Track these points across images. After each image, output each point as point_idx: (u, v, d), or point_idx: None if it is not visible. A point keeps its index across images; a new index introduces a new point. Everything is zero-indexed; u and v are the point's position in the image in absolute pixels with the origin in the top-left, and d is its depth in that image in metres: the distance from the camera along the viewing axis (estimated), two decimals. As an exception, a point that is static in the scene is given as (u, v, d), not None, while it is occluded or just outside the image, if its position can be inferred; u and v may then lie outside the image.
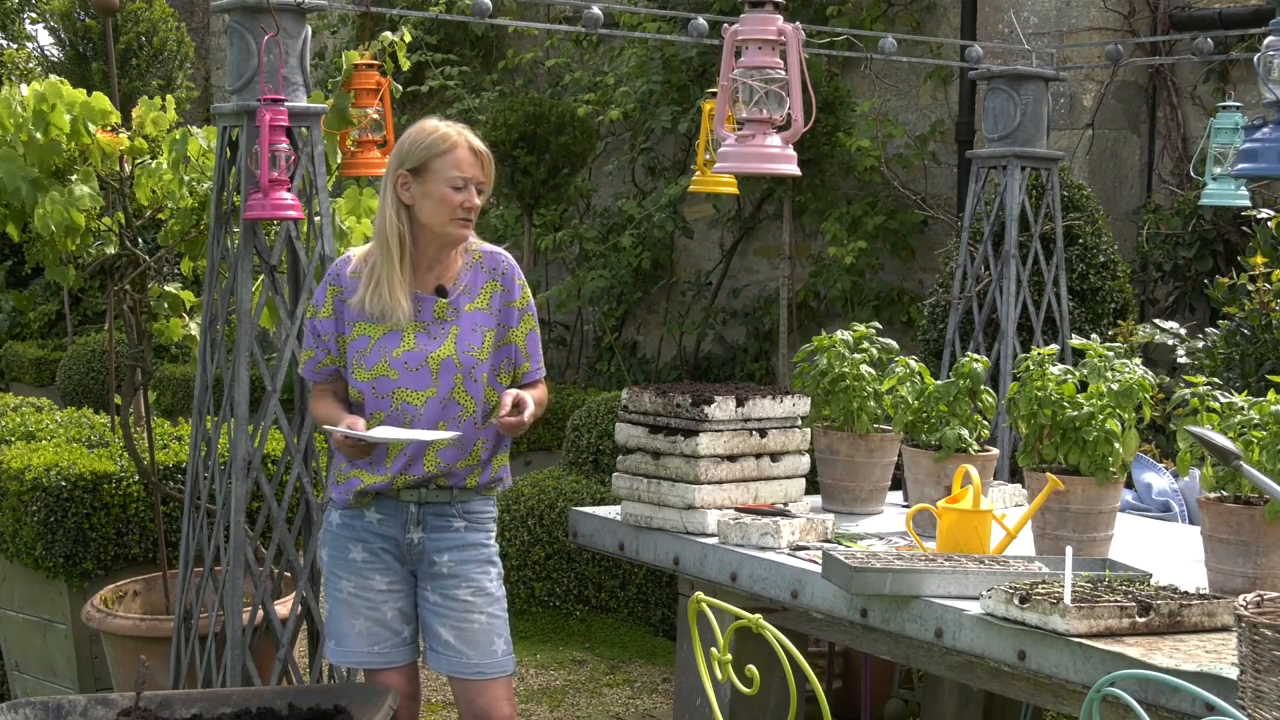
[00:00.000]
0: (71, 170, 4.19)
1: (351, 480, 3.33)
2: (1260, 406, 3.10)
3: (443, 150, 3.26)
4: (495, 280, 3.37)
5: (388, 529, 3.35)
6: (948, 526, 3.34)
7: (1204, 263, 6.23)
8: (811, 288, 7.95)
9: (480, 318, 3.34)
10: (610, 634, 6.07)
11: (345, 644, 3.36)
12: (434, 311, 3.32)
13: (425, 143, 3.27)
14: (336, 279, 3.35)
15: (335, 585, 3.37)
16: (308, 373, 3.42)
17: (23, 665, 5.08)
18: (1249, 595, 2.39)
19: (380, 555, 3.36)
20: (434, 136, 3.27)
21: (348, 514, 3.36)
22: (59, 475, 4.72)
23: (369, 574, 3.35)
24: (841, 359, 3.91)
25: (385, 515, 3.35)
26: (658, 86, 8.26)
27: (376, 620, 3.36)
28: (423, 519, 3.35)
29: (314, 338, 3.36)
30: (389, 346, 3.29)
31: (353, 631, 3.35)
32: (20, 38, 14.46)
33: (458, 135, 3.29)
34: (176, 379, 9.11)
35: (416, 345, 3.29)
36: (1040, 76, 5.20)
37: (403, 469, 3.29)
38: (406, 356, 3.28)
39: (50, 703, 3.08)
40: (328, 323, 3.34)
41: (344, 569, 3.36)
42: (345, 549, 3.36)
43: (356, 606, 3.35)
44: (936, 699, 4.12)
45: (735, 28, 3.57)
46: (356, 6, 4.30)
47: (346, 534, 3.36)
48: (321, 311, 3.34)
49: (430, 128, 3.30)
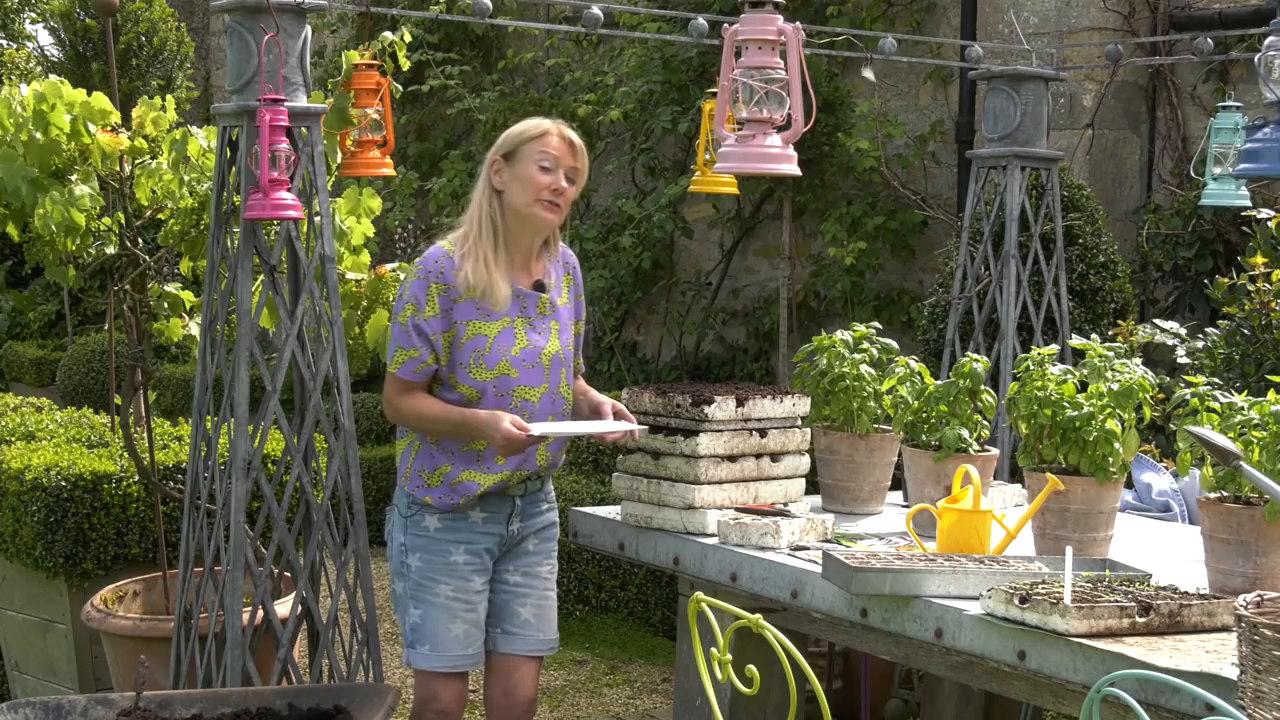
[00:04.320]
0: (71, 170, 4.19)
1: (467, 484, 3.34)
2: (1260, 406, 3.10)
3: (534, 135, 3.35)
4: (569, 275, 3.51)
5: (492, 525, 3.41)
6: (948, 526, 3.35)
7: (1204, 263, 6.23)
8: (811, 288, 7.95)
9: (568, 313, 3.47)
10: (610, 634, 6.07)
11: (442, 648, 3.38)
12: (538, 307, 3.39)
13: (519, 130, 3.38)
14: (441, 277, 3.32)
15: (431, 590, 3.37)
16: (407, 373, 3.34)
17: (23, 665, 5.08)
18: (1249, 595, 2.39)
19: (481, 555, 3.41)
20: (528, 124, 3.38)
21: (450, 517, 3.38)
22: (59, 475, 4.72)
23: (470, 575, 3.39)
24: (841, 359, 3.91)
25: (490, 513, 3.40)
26: (658, 86, 8.25)
27: (473, 622, 3.41)
28: (523, 509, 3.45)
29: (418, 337, 3.31)
30: (507, 345, 3.33)
31: (450, 635, 3.38)
32: (20, 38, 14.46)
33: (551, 124, 3.38)
34: (176, 379, 9.10)
35: (530, 342, 3.36)
36: (1040, 76, 5.20)
37: (518, 465, 3.36)
38: (524, 354, 3.35)
39: (50, 703, 3.08)
40: (435, 322, 3.31)
41: (444, 573, 3.38)
42: (447, 553, 3.38)
43: (455, 610, 3.38)
44: (936, 699, 4.12)
45: (735, 28, 3.57)
46: (356, 6, 4.30)
47: (449, 537, 3.38)
48: (426, 310, 3.31)
49: (530, 121, 3.40)
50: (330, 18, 10.33)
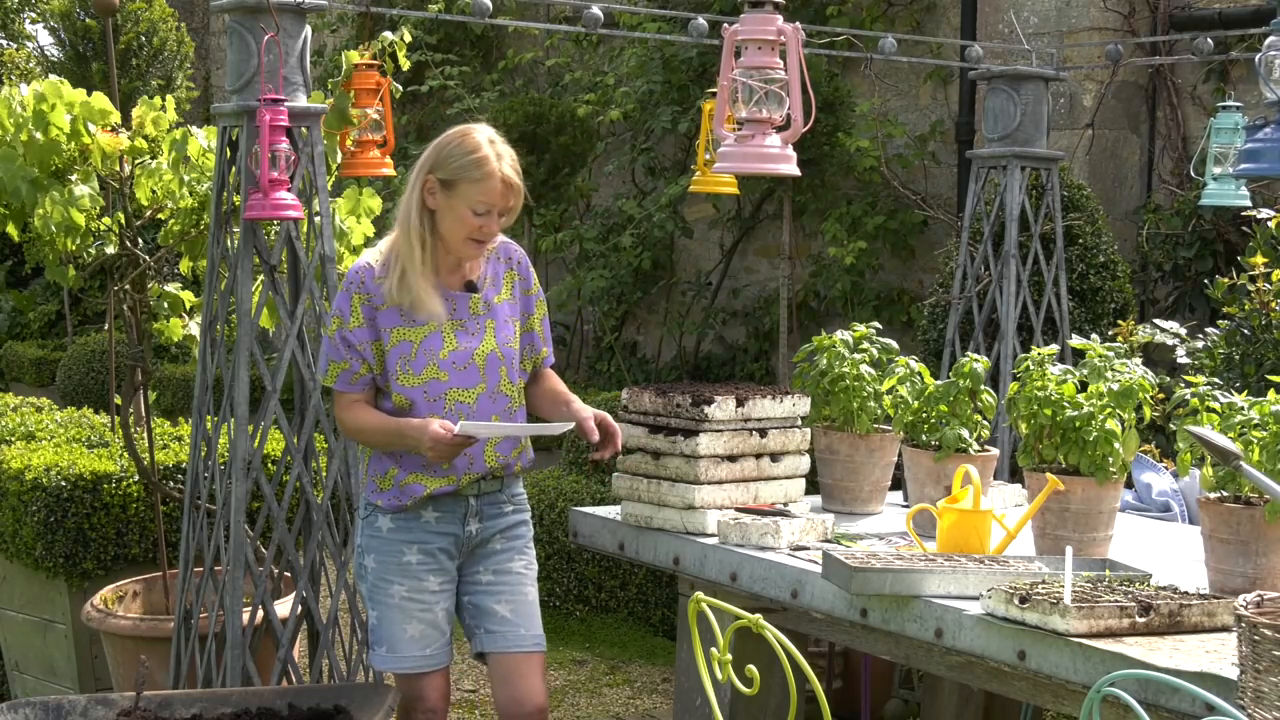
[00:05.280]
0: (71, 170, 4.19)
1: (413, 486, 3.31)
2: (1260, 406, 3.10)
3: (477, 178, 3.23)
4: (513, 270, 3.44)
5: (446, 526, 3.37)
6: (948, 526, 3.34)
7: (1204, 263, 6.23)
8: (811, 288, 7.95)
9: (508, 309, 3.40)
10: (610, 634, 6.07)
11: (398, 649, 3.35)
12: (469, 308, 3.34)
13: (463, 161, 3.24)
14: (362, 287, 3.29)
15: (385, 591, 3.35)
16: (342, 385, 3.32)
17: (23, 665, 5.08)
18: (1249, 595, 2.39)
19: (436, 555, 3.37)
20: (473, 158, 3.24)
21: (401, 518, 3.35)
22: (59, 475, 4.72)
23: (423, 576, 3.36)
24: (841, 359, 3.90)
25: (443, 513, 3.37)
26: (658, 86, 8.26)
27: (429, 623, 3.37)
28: (480, 509, 3.40)
29: (345, 348, 3.29)
30: (433, 348, 3.29)
31: (405, 636, 3.35)
32: (20, 38, 14.46)
33: (495, 164, 3.24)
34: (176, 379, 9.11)
35: (460, 344, 3.31)
36: (1040, 76, 5.20)
37: (466, 467, 3.32)
38: (453, 356, 3.30)
39: (50, 703, 3.08)
40: (360, 332, 3.28)
41: (397, 573, 3.35)
42: (399, 553, 3.35)
43: (409, 610, 3.35)
44: (936, 699, 4.12)
45: (735, 28, 3.57)
46: (356, 6, 4.30)
47: (401, 538, 3.35)
48: (351, 321, 3.28)
49: (472, 144, 3.25)
50: (330, 18, 10.33)
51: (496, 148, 3.27)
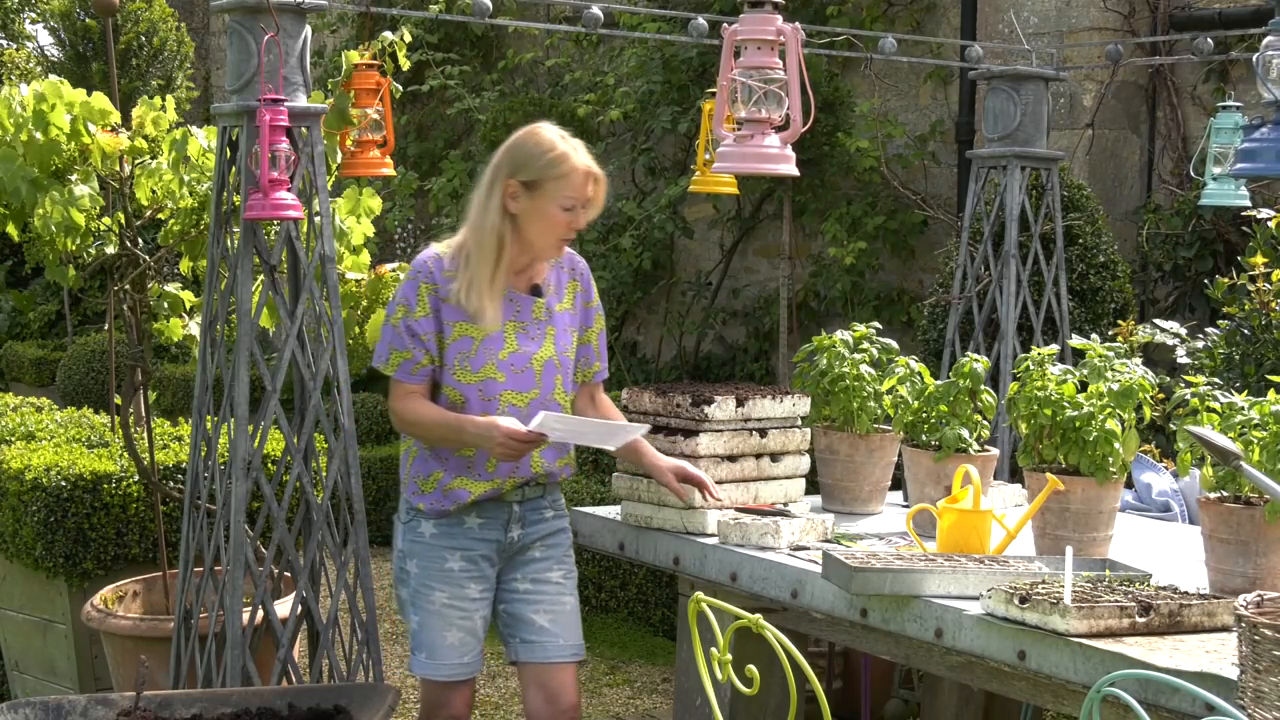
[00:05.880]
0: (71, 170, 4.19)
1: (458, 491, 3.31)
2: (1260, 406, 3.10)
3: (561, 173, 3.25)
4: (576, 280, 3.44)
5: (489, 532, 3.37)
6: (948, 526, 3.34)
7: (1204, 263, 6.23)
8: (811, 288, 7.95)
9: (569, 318, 3.40)
10: (610, 634, 6.07)
11: (438, 656, 3.36)
12: (532, 312, 3.34)
13: (544, 160, 3.25)
14: (430, 276, 3.28)
15: (427, 597, 3.35)
16: (402, 375, 3.29)
17: (23, 665, 5.08)
18: (1249, 595, 2.40)
19: (478, 562, 3.37)
20: (553, 155, 3.25)
21: (444, 523, 3.35)
22: (59, 475, 4.72)
23: (464, 583, 3.36)
24: (841, 359, 3.90)
25: (487, 519, 3.36)
26: (658, 86, 8.25)
27: (468, 630, 3.37)
28: (523, 515, 3.40)
29: (410, 338, 3.27)
30: (494, 348, 3.28)
31: (444, 643, 3.36)
32: (20, 38, 14.45)
33: (577, 159, 3.27)
34: (176, 379, 9.10)
35: (520, 347, 3.30)
36: (1040, 76, 5.20)
37: (510, 472, 3.32)
38: (512, 359, 3.30)
39: (50, 703, 3.07)
40: (426, 322, 3.27)
41: (439, 580, 3.35)
42: (441, 559, 3.35)
43: (450, 617, 3.35)
44: (936, 699, 4.12)
45: (734, 28, 3.57)
46: (356, 6, 4.30)
47: (444, 543, 3.35)
48: (417, 310, 3.27)
49: (548, 143, 3.27)
50: (330, 18, 10.33)
51: (569, 141, 3.30)
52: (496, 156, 3.33)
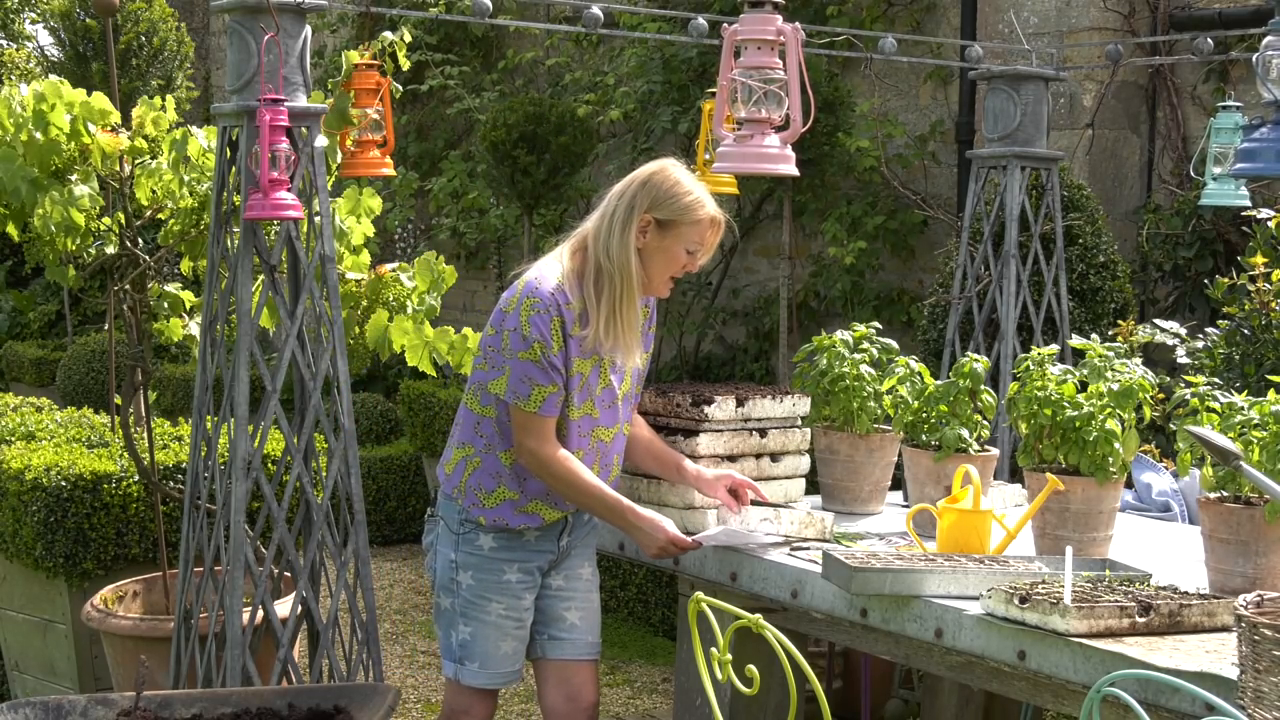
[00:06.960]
0: (71, 170, 4.19)
1: (533, 515, 3.34)
2: (1260, 406, 3.10)
3: (696, 220, 3.27)
4: (645, 307, 3.44)
5: (545, 544, 3.42)
6: (948, 526, 3.35)
7: (1204, 263, 6.23)
8: (811, 288, 7.95)
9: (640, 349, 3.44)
10: (610, 634, 6.07)
11: (490, 665, 3.39)
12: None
13: (683, 202, 3.26)
14: (559, 311, 3.23)
15: (483, 609, 3.37)
16: (549, 410, 3.23)
17: (23, 665, 5.08)
18: (1249, 595, 2.40)
19: (534, 573, 3.42)
20: (690, 200, 3.27)
21: (504, 536, 3.37)
22: (59, 475, 4.72)
23: (521, 594, 3.40)
24: (841, 359, 3.90)
25: (543, 532, 3.41)
26: (658, 86, 8.25)
27: (520, 639, 3.42)
28: (574, 525, 3.47)
29: (554, 373, 3.22)
30: (592, 384, 3.32)
31: (499, 653, 3.39)
32: (20, 38, 14.46)
33: (711, 206, 3.29)
34: (176, 379, 9.11)
35: (610, 381, 3.34)
36: (1040, 76, 5.20)
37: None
38: (605, 394, 3.34)
39: (50, 703, 3.07)
40: (561, 356, 3.24)
41: (497, 591, 3.37)
42: (500, 572, 3.38)
43: (505, 628, 3.39)
44: (936, 699, 4.12)
45: (735, 28, 3.57)
46: (356, 6, 4.30)
47: (503, 556, 3.38)
48: (554, 345, 3.22)
49: (686, 188, 3.28)
50: (330, 18, 10.33)
51: (699, 184, 3.31)
52: (631, 189, 3.30)
